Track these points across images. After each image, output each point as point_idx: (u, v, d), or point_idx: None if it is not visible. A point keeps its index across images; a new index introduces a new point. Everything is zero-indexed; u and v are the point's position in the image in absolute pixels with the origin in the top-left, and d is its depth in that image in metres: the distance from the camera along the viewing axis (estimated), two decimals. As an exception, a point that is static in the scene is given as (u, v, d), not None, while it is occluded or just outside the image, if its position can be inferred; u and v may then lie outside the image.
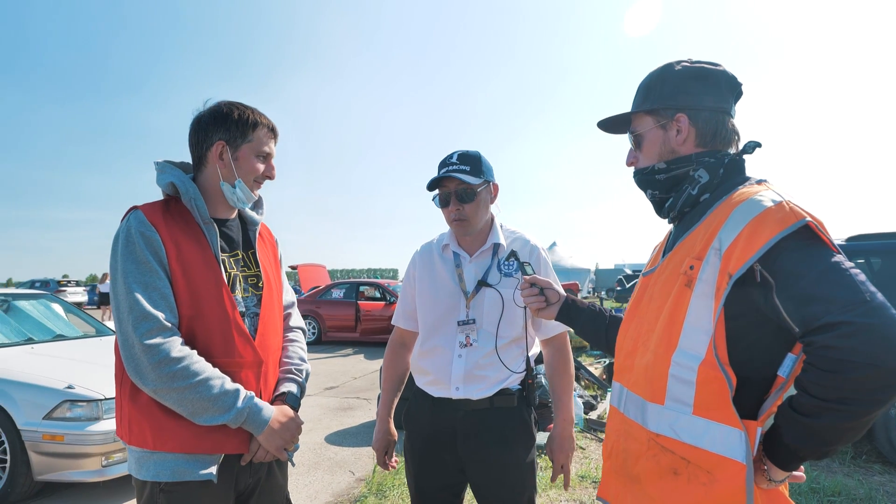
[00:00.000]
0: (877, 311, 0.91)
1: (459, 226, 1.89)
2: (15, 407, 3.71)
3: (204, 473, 1.43)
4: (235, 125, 1.54)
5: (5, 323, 4.95)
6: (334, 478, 4.33)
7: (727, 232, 1.09)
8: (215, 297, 1.49)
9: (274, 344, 1.65)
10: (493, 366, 1.84)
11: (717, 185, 1.23)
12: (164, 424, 1.42)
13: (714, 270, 1.09)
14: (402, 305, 2.11)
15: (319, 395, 7.42)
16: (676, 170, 1.28)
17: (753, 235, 1.04)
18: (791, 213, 1.03)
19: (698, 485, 1.09)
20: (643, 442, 1.21)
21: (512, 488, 1.84)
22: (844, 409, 0.93)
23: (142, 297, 1.39)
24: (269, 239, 1.82)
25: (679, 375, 1.13)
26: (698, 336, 1.10)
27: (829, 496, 3.74)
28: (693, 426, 1.11)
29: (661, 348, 1.17)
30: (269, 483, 1.63)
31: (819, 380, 0.95)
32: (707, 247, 1.12)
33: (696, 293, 1.12)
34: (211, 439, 1.44)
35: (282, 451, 1.54)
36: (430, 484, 1.93)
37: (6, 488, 3.69)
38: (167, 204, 1.54)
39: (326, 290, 13.45)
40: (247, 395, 1.47)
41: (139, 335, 1.37)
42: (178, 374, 1.37)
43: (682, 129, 1.26)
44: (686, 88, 1.27)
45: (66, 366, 4.17)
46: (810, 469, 4.16)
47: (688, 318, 1.13)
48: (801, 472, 1.16)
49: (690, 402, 1.11)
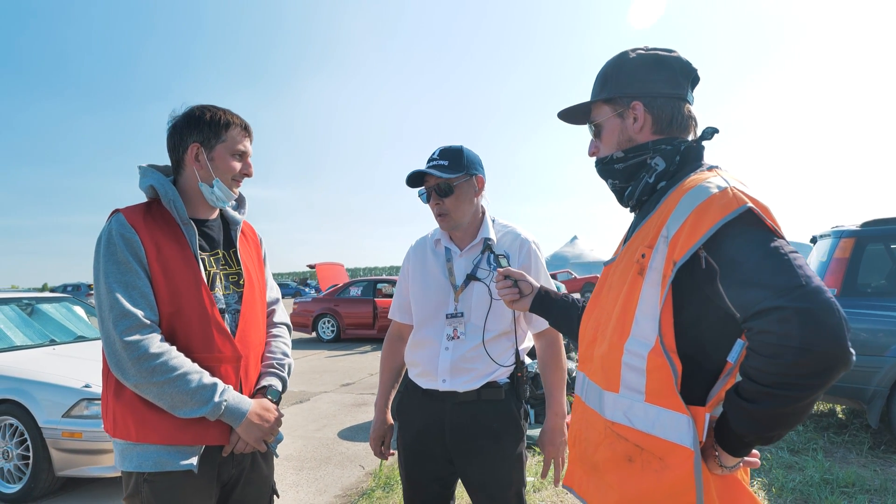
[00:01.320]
0: (811, 295, 0.92)
1: (443, 220, 1.92)
2: (36, 405, 3.86)
3: (185, 464, 1.49)
4: (208, 126, 1.59)
5: (28, 325, 5.14)
6: (344, 472, 4.40)
7: (674, 219, 1.10)
8: (194, 294, 1.55)
9: (255, 339, 1.70)
10: (479, 359, 1.86)
11: (673, 173, 1.24)
12: (146, 417, 1.48)
13: (662, 258, 1.10)
14: (397, 299, 2.15)
15: (335, 391, 7.53)
16: (634, 158, 1.28)
17: (697, 222, 1.05)
18: (734, 199, 1.04)
19: (651, 472, 1.11)
20: (601, 430, 1.22)
21: (499, 481, 1.86)
22: (782, 395, 0.94)
23: (122, 296, 1.45)
24: (253, 237, 1.87)
25: (631, 363, 1.14)
26: (648, 324, 1.12)
27: (842, 487, 3.68)
28: (646, 413, 1.12)
29: (615, 337, 1.18)
30: (253, 474, 1.68)
31: (758, 365, 0.96)
32: (658, 235, 1.13)
33: (647, 282, 1.13)
34: (191, 431, 1.50)
35: (261, 442, 1.59)
36: (421, 475, 1.96)
37: (30, 483, 3.84)
38: (149, 206, 1.60)
39: (344, 288, 13.58)
40: (224, 389, 1.52)
41: (119, 332, 1.43)
42: (157, 369, 1.43)
43: (638, 117, 1.27)
44: (641, 76, 1.27)
45: (85, 366, 4.31)
46: (823, 460, 4.10)
47: (639, 306, 1.14)
48: (754, 458, 1.17)
49: (642, 389, 1.12)
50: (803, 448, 4.49)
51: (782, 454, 4.32)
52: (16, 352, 4.63)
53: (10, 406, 3.93)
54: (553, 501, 3.63)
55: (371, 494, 3.80)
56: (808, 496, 3.58)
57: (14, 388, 3.97)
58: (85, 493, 4.06)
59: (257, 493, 1.70)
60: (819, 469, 3.91)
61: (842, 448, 4.53)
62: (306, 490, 4.02)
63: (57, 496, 3.98)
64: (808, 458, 4.16)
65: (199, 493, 1.53)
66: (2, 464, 3.99)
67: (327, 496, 3.92)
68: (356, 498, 3.83)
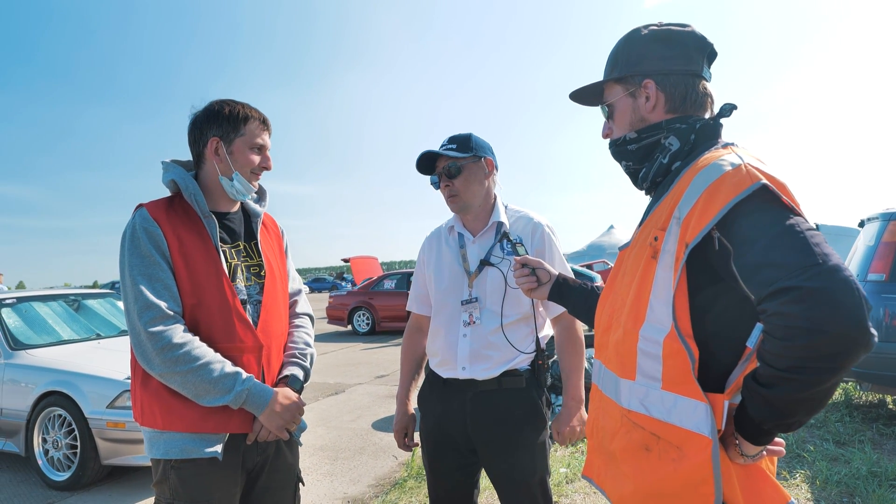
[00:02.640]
0: (827, 274, 0.87)
1: (453, 202, 1.92)
2: (83, 397, 4.02)
3: (209, 451, 1.52)
4: (227, 121, 1.62)
5: (75, 320, 5.35)
6: (377, 462, 4.45)
7: (686, 200, 1.06)
8: (216, 285, 1.58)
9: (277, 330, 1.73)
10: (499, 345, 1.84)
11: (688, 153, 1.19)
12: (172, 406, 1.52)
13: (675, 240, 1.07)
14: (414, 290, 2.15)
15: (369, 383, 7.61)
16: (647, 138, 1.24)
17: (709, 201, 1.01)
18: (747, 176, 0.99)
19: (668, 461, 1.07)
20: (617, 419, 1.20)
21: (523, 469, 1.85)
22: (797, 379, 0.89)
23: (146, 288, 1.49)
24: (274, 230, 1.89)
25: (647, 350, 1.11)
26: (663, 309, 1.08)
27: (891, 480, 3.53)
28: (662, 401, 1.09)
29: (630, 323, 1.15)
30: (277, 461, 1.71)
31: (773, 349, 0.92)
32: (670, 216, 1.09)
33: (661, 265, 1.09)
34: (215, 419, 1.53)
35: (283, 430, 1.61)
36: (444, 465, 1.96)
37: (78, 472, 4.02)
38: (171, 200, 1.64)
39: (378, 281, 13.71)
40: (247, 378, 1.55)
41: (143, 323, 1.47)
42: (181, 359, 1.46)
43: (650, 96, 1.23)
44: (652, 53, 1.23)
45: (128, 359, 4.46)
46: (871, 452, 3.93)
47: (653, 291, 1.11)
48: (779, 447, 1.12)
49: (659, 376, 1.09)
50: (849, 440, 4.32)
51: (827, 446, 4.17)
52: (64, 346, 4.84)
53: (59, 398, 4.12)
54: (585, 492, 3.59)
55: (403, 484, 3.83)
56: (853, 489, 3.44)
57: (62, 381, 4.15)
58: (131, 480, 4.22)
59: (282, 481, 1.73)
60: (866, 461, 3.75)
61: (891, 440, 4.34)
62: (340, 479, 4.08)
63: (104, 484, 4.15)
64: (855, 451, 4.00)
65: (225, 480, 1.57)
66: (52, 452, 4.17)
67: (361, 486, 3.97)
68: (389, 488, 3.87)
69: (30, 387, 4.29)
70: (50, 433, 4.19)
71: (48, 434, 4.21)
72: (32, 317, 5.10)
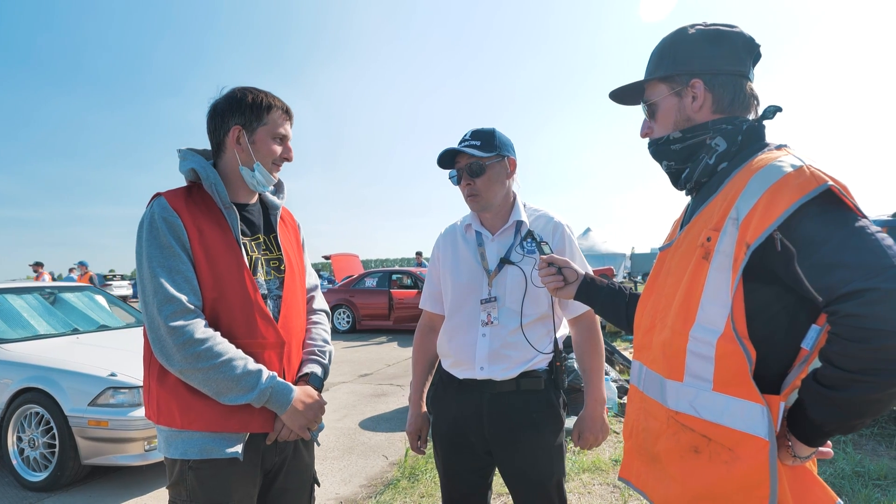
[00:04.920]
0: None
1: (473, 201, 1.88)
2: (62, 394, 3.87)
3: (230, 451, 1.46)
4: (250, 109, 1.56)
5: (52, 314, 5.16)
6: (368, 462, 4.39)
7: (745, 200, 1.05)
8: (237, 279, 1.52)
9: (297, 326, 1.67)
10: (518, 345, 1.82)
11: (735, 154, 1.19)
12: (191, 404, 1.46)
13: (732, 241, 1.05)
14: (428, 288, 2.11)
15: (354, 382, 7.53)
16: (693, 139, 1.23)
17: (772, 203, 1.00)
18: (812, 178, 0.99)
19: (720, 463, 1.07)
20: (663, 420, 1.18)
21: (540, 471, 1.83)
22: (872, 381, 0.89)
23: (166, 280, 1.43)
24: (291, 223, 1.84)
25: (697, 351, 1.10)
26: (716, 310, 1.07)
27: (875, 480, 3.61)
28: (713, 403, 1.08)
29: (679, 324, 1.14)
30: (295, 462, 1.66)
31: (845, 350, 0.91)
32: (725, 217, 1.08)
33: (714, 266, 1.08)
34: (236, 419, 1.48)
35: (305, 430, 1.56)
36: (458, 466, 1.93)
37: (56, 472, 3.87)
38: (189, 190, 1.57)
39: (360, 279, 13.59)
40: (270, 376, 1.49)
41: (164, 317, 1.40)
42: (203, 355, 1.40)
43: (697, 96, 1.22)
44: (701, 52, 1.22)
45: (109, 354, 4.33)
46: (854, 452, 4.03)
47: (705, 291, 1.09)
48: (828, 448, 1.12)
49: (710, 377, 1.08)
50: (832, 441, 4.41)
51: (811, 447, 4.25)
52: (40, 341, 4.66)
53: (36, 394, 3.96)
54: (580, 492, 3.60)
55: (397, 484, 3.79)
56: (839, 489, 3.51)
57: (39, 377, 3.99)
58: (111, 481, 4.08)
59: (299, 482, 1.68)
60: (850, 462, 3.84)
61: (871, 440, 4.45)
62: (331, 479, 4.02)
63: (83, 484, 4.00)
64: (839, 451, 4.09)
65: (244, 481, 1.51)
66: (28, 452, 4.02)
67: (353, 486, 3.92)
68: (382, 488, 3.82)
69: (4, 383, 4.12)
70: (26, 431, 4.03)
71: (24, 433, 4.05)
72: (6, 310, 4.91)
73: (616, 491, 3.61)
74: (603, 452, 4.25)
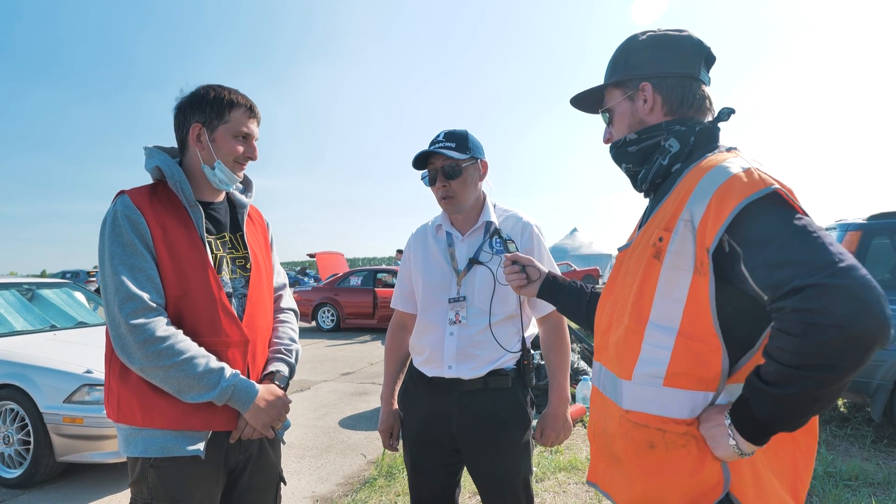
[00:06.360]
0: (847, 271, 0.88)
1: (447, 203, 1.89)
2: (37, 391, 3.84)
3: (192, 449, 1.46)
4: (211, 106, 1.56)
5: (29, 311, 5.11)
6: (346, 460, 4.39)
7: (697, 204, 1.07)
8: (201, 277, 1.52)
9: (262, 324, 1.67)
10: (486, 344, 1.83)
11: (688, 155, 1.22)
12: (153, 402, 1.45)
13: (687, 243, 1.08)
14: (399, 288, 2.12)
15: (336, 380, 7.52)
16: (647, 140, 1.26)
17: (721, 205, 1.03)
18: (759, 180, 1.01)
19: (678, 448, 1.09)
20: (617, 420, 1.20)
21: (507, 469, 1.84)
22: (811, 376, 0.90)
23: (127, 278, 1.42)
24: (260, 222, 1.84)
25: (650, 348, 1.12)
26: (670, 307, 1.09)
27: (846, 480, 3.67)
28: (664, 397, 1.10)
29: (632, 322, 1.16)
30: (260, 460, 1.66)
31: (785, 345, 0.92)
32: (676, 217, 1.10)
33: (666, 265, 1.10)
34: (199, 416, 1.47)
35: (268, 428, 1.57)
36: (427, 464, 1.94)
37: (30, 469, 3.83)
38: (154, 188, 1.57)
39: (344, 277, 13.56)
40: (232, 373, 1.49)
41: (124, 315, 1.40)
42: (164, 353, 1.40)
43: (647, 98, 1.25)
44: (649, 57, 1.26)
45: (85, 351, 4.29)
46: (826, 453, 4.09)
47: (658, 290, 1.11)
48: None
49: (661, 374, 1.10)
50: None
51: (784, 447, 4.31)
52: (16, 337, 4.61)
53: (11, 391, 3.91)
54: (556, 491, 3.63)
55: (373, 483, 3.79)
56: (811, 489, 3.56)
57: (15, 373, 3.95)
58: (86, 478, 4.04)
59: (265, 480, 1.68)
60: (822, 462, 3.90)
61: (844, 441, 4.52)
62: (308, 478, 4.02)
63: (58, 481, 3.96)
64: (811, 451, 4.15)
65: (207, 479, 1.51)
66: (2, 448, 3.97)
67: (329, 484, 3.91)
68: (358, 486, 3.82)
69: (-21, 379, 4.07)
70: (0, 428, 3.99)
71: (-2, 429, 4.01)
72: (-18, 306, 4.85)
73: (591, 490, 3.64)
74: (579, 452, 4.28)
